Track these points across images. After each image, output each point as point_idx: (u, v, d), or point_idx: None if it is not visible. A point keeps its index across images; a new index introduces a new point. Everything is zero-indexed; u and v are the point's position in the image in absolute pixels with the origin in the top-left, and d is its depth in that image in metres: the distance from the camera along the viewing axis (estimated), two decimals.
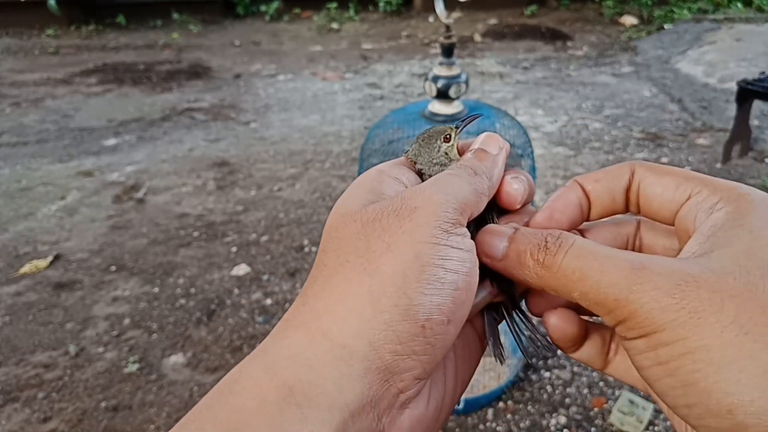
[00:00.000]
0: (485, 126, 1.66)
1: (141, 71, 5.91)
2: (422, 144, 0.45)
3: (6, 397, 2.07)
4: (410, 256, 0.33)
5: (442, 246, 0.34)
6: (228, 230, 3.09)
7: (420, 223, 0.34)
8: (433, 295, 0.33)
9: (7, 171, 3.82)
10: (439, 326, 0.33)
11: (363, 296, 0.33)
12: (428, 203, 0.35)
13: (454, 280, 0.34)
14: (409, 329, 0.32)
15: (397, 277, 0.33)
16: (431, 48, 6.60)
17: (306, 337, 0.33)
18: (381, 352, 0.32)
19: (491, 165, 0.40)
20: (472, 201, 0.37)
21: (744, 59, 5.42)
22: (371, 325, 0.32)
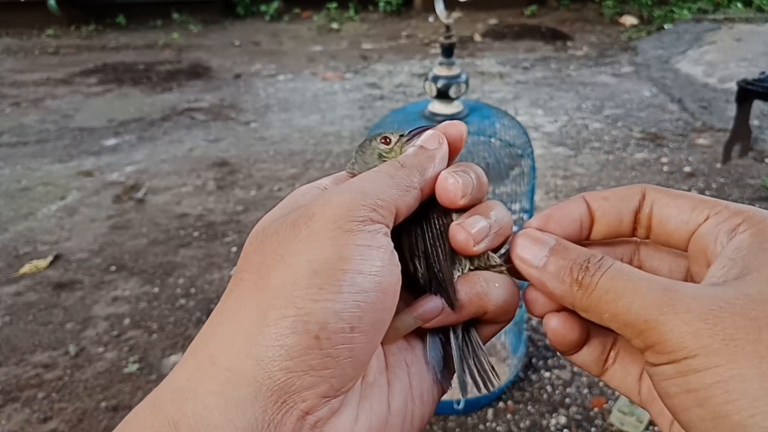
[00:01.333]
0: (485, 126, 1.66)
1: (141, 71, 5.91)
2: (359, 151, 0.43)
3: (6, 397, 2.07)
4: (303, 264, 0.31)
5: (341, 246, 0.31)
6: (228, 230, 3.09)
7: (316, 229, 0.32)
8: (326, 300, 0.30)
9: (7, 171, 3.82)
10: (338, 335, 0.30)
11: (250, 313, 0.30)
12: (327, 207, 0.33)
13: (356, 282, 0.30)
14: (300, 342, 0.29)
15: (286, 287, 0.30)
16: (431, 48, 6.60)
17: (193, 365, 0.31)
18: (270, 371, 0.29)
19: (425, 159, 0.38)
20: (394, 195, 0.35)
21: (744, 59, 5.42)
22: (257, 341, 0.29)
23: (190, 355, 0.32)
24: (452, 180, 0.37)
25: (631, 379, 0.37)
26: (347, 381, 0.31)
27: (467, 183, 0.38)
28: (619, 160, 3.71)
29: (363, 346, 0.31)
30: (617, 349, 0.38)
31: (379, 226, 0.33)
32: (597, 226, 0.38)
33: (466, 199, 0.37)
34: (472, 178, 0.38)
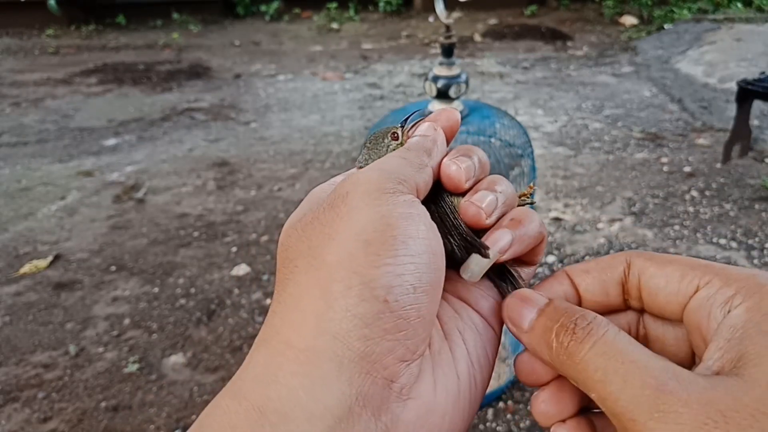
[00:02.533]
0: (485, 126, 1.66)
1: (141, 71, 5.91)
2: (370, 147, 0.43)
3: (6, 397, 2.07)
4: (352, 236, 0.31)
5: (385, 215, 0.32)
6: (228, 230, 3.09)
7: (354, 205, 0.32)
8: (386, 265, 0.30)
9: (7, 171, 3.82)
10: (405, 296, 0.30)
11: (314, 292, 0.31)
12: (358, 184, 0.34)
13: (408, 245, 0.31)
14: (371, 308, 0.29)
15: (343, 260, 0.31)
16: (431, 48, 6.60)
17: (269, 353, 0.31)
18: (348, 342, 0.29)
19: (427, 141, 0.39)
20: (410, 172, 0.36)
21: (744, 59, 5.42)
22: (329, 316, 0.30)
23: (261, 345, 0.32)
24: (455, 167, 0.38)
25: None
26: (420, 342, 0.31)
27: (469, 167, 0.39)
28: (619, 160, 3.71)
29: (427, 305, 0.32)
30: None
31: (410, 196, 0.34)
32: (585, 303, 0.36)
33: (470, 182, 0.39)
34: (474, 162, 0.39)
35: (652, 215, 3.07)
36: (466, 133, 1.64)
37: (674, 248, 2.79)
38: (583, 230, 2.96)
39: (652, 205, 3.16)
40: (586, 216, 3.08)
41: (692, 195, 3.24)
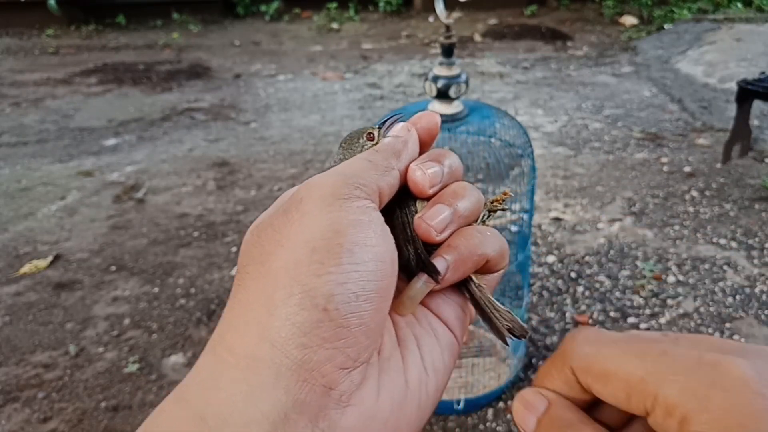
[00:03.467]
0: (485, 126, 1.66)
1: (141, 71, 5.91)
2: (345, 147, 0.43)
3: (6, 397, 2.07)
4: (300, 243, 0.32)
5: (334, 222, 0.32)
6: (228, 230, 3.09)
7: (307, 210, 0.33)
8: (328, 274, 0.30)
9: (7, 171, 3.82)
10: (346, 305, 0.30)
11: (259, 299, 0.31)
12: (312, 189, 0.34)
13: (354, 252, 0.31)
14: (310, 317, 0.30)
15: (289, 268, 0.31)
16: (431, 48, 6.60)
17: (214, 359, 0.31)
18: (286, 350, 0.29)
19: (397, 143, 0.39)
20: (372, 176, 0.36)
21: (744, 59, 5.42)
22: (269, 324, 0.30)
23: (209, 351, 0.32)
24: (419, 173, 0.38)
25: None
26: (362, 350, 0.31)
27: (435, 174, 0.39)
28: (619, 160, 3.71)
29: (371, 314, 0.32)
30: None
31: (366, 202, 0.34)
32: None
33: (435, 188, 0.39)
34: (442, 168, 0.39)
35: (652, 215, 3.07)
36: (466, 133, 1.64)
37: (674, 248, 2.79)
38: (583, 230, 2.96)
39: (652, 205, 3.16)
40: (586, 216, 3.08)
41: (692, 195, 3.24)
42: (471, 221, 0.40)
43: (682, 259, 2.70)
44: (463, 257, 0.38)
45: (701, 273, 2.61)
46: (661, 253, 2.76)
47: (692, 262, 2.68)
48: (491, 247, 0.39)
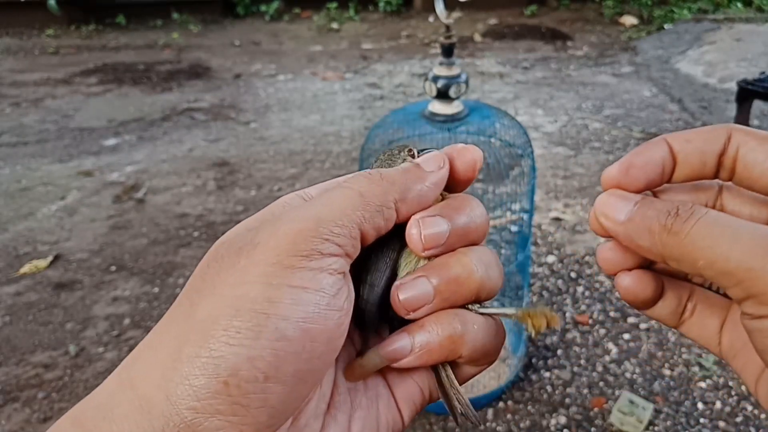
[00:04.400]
0: (485, 126, 1.66)
1: (141, 71, 5.92)
2: (384, 160, 0.39)
3: (6, 397, 2.07)
4: (229, 300, 0.29)
5: (272, 286, 0.29)
6: (228, 230, 3.09)
7: (255, 261, 0.30)
8: (241, 345, 0.28)
9: (7, 171, 3.82)
10: (249, 384, 0.28)
11: (170, 343, 0.29)
12: (271, 237, 0.31)
13: (278, 328, 0.28)
14: (208, 384, 0.28)
15: (206, 323, 0.29)
16: (431, 48, 6.60)
17: (115, 385, 0.30)
18: (178, 409, 0.28)
19: (413, 178, 0.35)
20: (358, 217, 0.32)
21: (744, 59, 5.42)
22: (169, 376, 0.28)
23: (117, 372, 0.31)
24: (415, 230, 0.34)
25: (710, 331, 0.36)
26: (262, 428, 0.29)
27: (435, 237, 0.34)
28: None
29: (279, 396, 0.29)
30: (694, 301, 0.37)
31: (330, 261, 0.31)
32: (679, 170, 0.35)
33: (431, 252, 0.35)
34: (449, 228, 0.34)
35: None
36: (466, 133, 1.64)
37: None
38: (583, 230, 2.96)
39: None
40: (586, 216, 3.08)
41: None
42: (462, 304, 0.35)
43: None
44: (431, 347, 0.34)
45: None
46: None
47: None
48: (473, 342, 0.34)
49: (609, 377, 2.09)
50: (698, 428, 1.89)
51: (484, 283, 0.35)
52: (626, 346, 2.23)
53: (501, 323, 0.37)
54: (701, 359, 2.14)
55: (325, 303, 0.30)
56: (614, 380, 2.08)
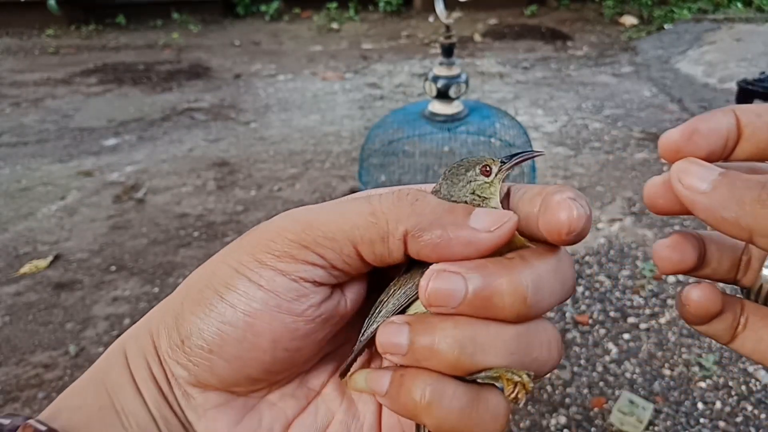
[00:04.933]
0: (485, 126, 1.66)
1: (141, 71, 5.92)
2: (449, 176, 0.35)
3: (6, 397, 2.07)
4: (207, 274, 0.33)
5: (234, 275, 0.31)
6: (228, 230, 3.09)
7: (240, 246, 0.33)
8: (196, 316, 0.32)
9: (7, 171, 3.82)
10: (198, 350, 0.32)
11: (173, 295, 0.35)
12: (264, 230, 0.32)
13: (225, 312, 0.31)
14: (174, 337, 0.32)
15: (190, 289, 0.33)
16: (431, 48, 6.60)
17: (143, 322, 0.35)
18: (161, 351, 0.33)
19: (445, 222, 0.31)
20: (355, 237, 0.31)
21: (744, 59, 5.42)
22: (155, 316, 0.34)
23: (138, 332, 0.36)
24: (424, 282, 0.30)
25: (764, 344, 0.35)
26: (212, 388, 0.33)
27: (444, 296, 0.30)
28: (619, 160, 3.71)
29: (224, 370, 0.32)
30: (746, 315, 0.35)
31: (301, 268, 0.31)
32: (743, 144, 0.32)
33: (435, 310, 0.30)
34: (464, 290, 0.29)
35: (652, 215, 3.07)
36: (466, 133, 1.64)
37: None
38: None
39: None
40: None
41: None
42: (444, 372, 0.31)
43: None
44: (393, 402, 0.32)
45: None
46: None
47: None
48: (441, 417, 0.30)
49: (609, 377, 2.09)
50: (698, 428, 1.89)
51: (469, 364, 0.30)
52: (626, 346, 2.23)
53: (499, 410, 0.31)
54: (701, 359, 2.14)
55: (274, 304, 0.31)
56: (614, 380, 2.08)
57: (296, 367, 0.35)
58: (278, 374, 0.34)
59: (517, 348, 0.30)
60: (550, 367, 0.32)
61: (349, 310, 0.34)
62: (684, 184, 0.31)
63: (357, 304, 0.35)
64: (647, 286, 2.53)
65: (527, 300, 0.30)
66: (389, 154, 1.65)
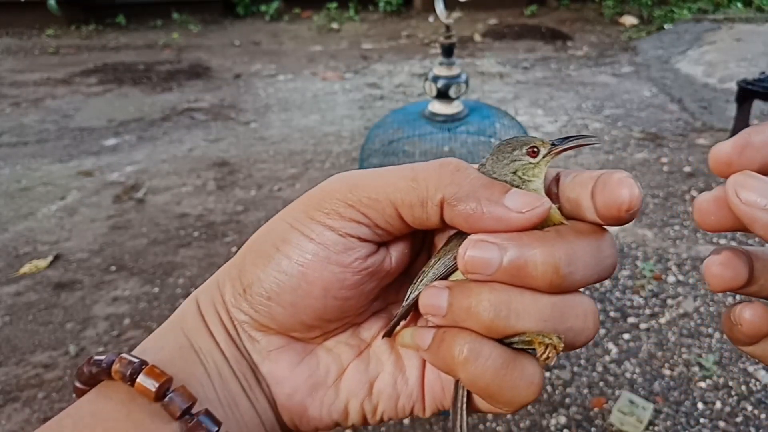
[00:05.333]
0: (485, 126, 1.66)
1: (141, 71, 5.92)
2: (496, 154, 0.36)
3: (6, 397, 2.07)
4: (266, 231, 0.37)
5: (289, 230, 0.35)
6: (228, 230, 3.09)
7: (294, 207, 0.36)
8: (257, 267, 0.35)
9: (7, 171, 3.82)
10: (258, 298, 0.35)
11: (238, 253, 0.38)
12: (317, 190, 0.36)
13: (281, 263, 0.35)
14: (237, 286, 0.36)
15: (252, 244, 0.37)
16: (431, 48, 6.60)
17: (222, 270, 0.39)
18: (223, 291, 0.37)
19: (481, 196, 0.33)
20: (394, 196, 0.33)
21: (744, 59, 5.42)
22: (222, 271, 0.38)
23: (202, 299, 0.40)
24: (462, 250, 0.32)
25: None
26: (272, 333, 0.37)
27: (480, 263, 0.32)
28: (619, 160, 3.71)
29: (282, 316, 0.35)
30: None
31: (347, 224, 0.34)
32: None
33: (473, 277, 0.33)
34: (500, 258, 0.32)
35: (652, 215, 3.07)
36: (466, 133, 1.64)
37: (674, 248, 2.79)
38: None
39: (652, 205, 3.16)
40: None
41: (692, 195, 3.24)
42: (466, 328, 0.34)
43: (682, 259, 2.70)
44: (433, 355, 0.35)
45: (701, 273, 2.60)
46: (661, 253, 2.76)
47: (692, 262, 2.68)
48: (476, 374, 0.33)
49: (609, 377, 2.09)
50: (698, 428, 1.89)
51: (504, 327, 0.32)
52: (626, 346, 2.23)
53: (534, 372, 0.33)
54: (701, 359, 2.14)
55: (324, 255, 0.34)
56: (614, 380, 2.08)
57: (347, 317, 0.37)
58: (331, 322, 0.37)
59: (550, 315, 0.32)
60: (585, 337, 0.34)
61: (393, 268, 0.37)
62: (742, 199, 0.30)
63: (401, 263, 0.38)
64: (647, 286, 2.53)
65: (560, 271, 0.31)
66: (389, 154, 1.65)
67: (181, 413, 0.32)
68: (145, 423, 0.32)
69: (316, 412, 0.38)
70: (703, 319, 2.34)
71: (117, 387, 0.33)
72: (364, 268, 0.35)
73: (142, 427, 0.32)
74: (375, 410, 0.38)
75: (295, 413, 0.37)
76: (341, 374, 0.38)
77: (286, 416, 0.38)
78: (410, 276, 0.39)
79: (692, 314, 2.37)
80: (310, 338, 0.38)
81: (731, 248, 0.33)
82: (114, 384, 0.33)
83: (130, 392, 0.32)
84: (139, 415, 0.32)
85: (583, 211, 0.33)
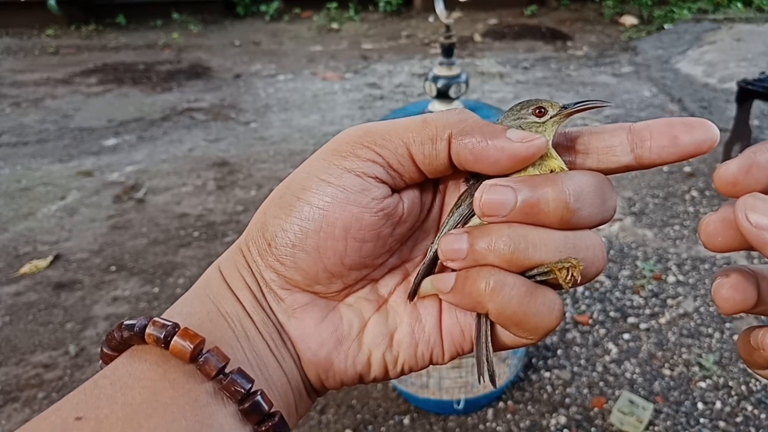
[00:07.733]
0: None
1: (141, 71, 5.92)
2: (509, 113, 0.39)
3: (6, 397, 2.07)
4: (285, 183, 0.38)
5: (307, 177, 0.37)
6: (228, 230, 3.09)
7: (313, 156, 0.38)
8: (277, 218, 0.37)
9: (7, 171, 3.82)
10: (283, 249, 0.37)
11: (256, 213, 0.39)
12: (333, 139, 0.38)
13: (303, 210, 0.36)
14: (262, 243, 0.37)
15: (271, 199, 0.38)
16: (431, 48, 6.60)
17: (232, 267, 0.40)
18: (253, 258, 0.38)
19: (486, 132, 0.36)
20: (408, 138, 0.36)
21: (744, 59, 5.42)
22: (243, 235, 0.40)
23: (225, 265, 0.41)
24: (478, 194, 0.35)
25: None
26: (300, 284, 0.38)
27: (496, 205, 0.35)
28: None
29: (306, 262, 0.37)
30: None
31: (363, 165, 0.36)
32: None
33: (489, 219, 0.35)
34: (514, 198, 0.35)
35: (652, 215, 3.07)
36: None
37: (674, 248, 2.79)
38: None
39: (652, 205, 3.16)
40: None
41: (692, 195, 3.24)
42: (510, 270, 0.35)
43: (682, 259, 2.70)
44: (457, 293, 0.37)
45: (701, 273, 2.61)
46: (661, 253, 2.76)
47: (692, 262, 2.68)
48: (502, 304, 0.35)
49: (609, 377, 2.09)
50: (698, 428, 1.89)
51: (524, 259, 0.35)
52: (626, 346, 2.23)
53: (553, 301, 0.36)
54: (701, 359, 2.14)
55: (343, 197, 0.36)
56: (614, 380, 2.08)
57: (366, 267, 0.39)
58: (351, 270, 0.38)
59: (564, 246, 0.35)
60: (596, 268, 0.37)
61: (406, 214, 0.38)
62: (753, 222, 0.30)
63: (413, 212, 0.39)
64: (647, 286, 2.53)
65: (569, 205, 0.34)
66: None
67: (216, 372, 0.33)
68: (180, 382, 0.33)
69: (341, 365, 0.39)
70: (703, 319, 2.34)
71: (149, 350, 0.34)
72: (381, 208, 0.36)
73: (178, 386, 0.32)
74: (396, 360, 0.40)
75: (322, 368, 0.39)
76: (363, 328, 0.40)
77: (312, 373, 0.39)
78: (423, 233, 0.41)
79: (692, 314, 2.37)
80: (332, 293, 0.39)
81: (738, 269, 0.33)
82: (146, 348, 0.34)
83: (164, 354, 0.33)
84: (174, 374, 0.33)
85: (617, 153, 0.38)
